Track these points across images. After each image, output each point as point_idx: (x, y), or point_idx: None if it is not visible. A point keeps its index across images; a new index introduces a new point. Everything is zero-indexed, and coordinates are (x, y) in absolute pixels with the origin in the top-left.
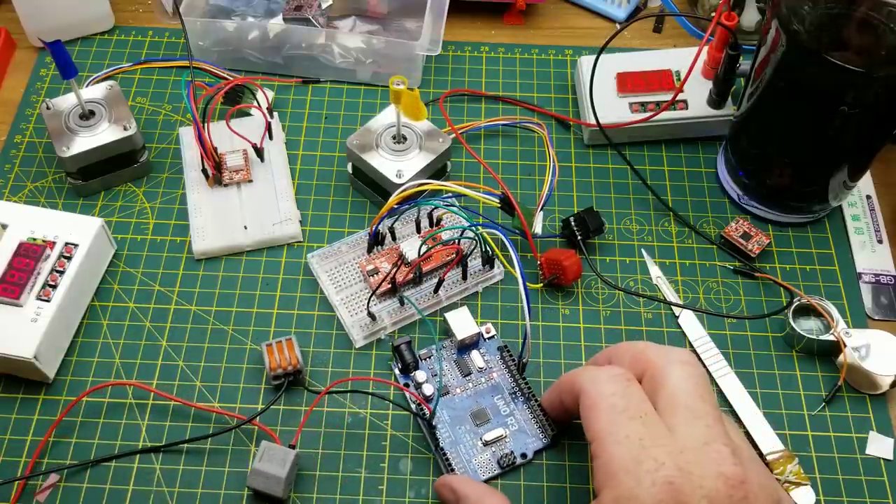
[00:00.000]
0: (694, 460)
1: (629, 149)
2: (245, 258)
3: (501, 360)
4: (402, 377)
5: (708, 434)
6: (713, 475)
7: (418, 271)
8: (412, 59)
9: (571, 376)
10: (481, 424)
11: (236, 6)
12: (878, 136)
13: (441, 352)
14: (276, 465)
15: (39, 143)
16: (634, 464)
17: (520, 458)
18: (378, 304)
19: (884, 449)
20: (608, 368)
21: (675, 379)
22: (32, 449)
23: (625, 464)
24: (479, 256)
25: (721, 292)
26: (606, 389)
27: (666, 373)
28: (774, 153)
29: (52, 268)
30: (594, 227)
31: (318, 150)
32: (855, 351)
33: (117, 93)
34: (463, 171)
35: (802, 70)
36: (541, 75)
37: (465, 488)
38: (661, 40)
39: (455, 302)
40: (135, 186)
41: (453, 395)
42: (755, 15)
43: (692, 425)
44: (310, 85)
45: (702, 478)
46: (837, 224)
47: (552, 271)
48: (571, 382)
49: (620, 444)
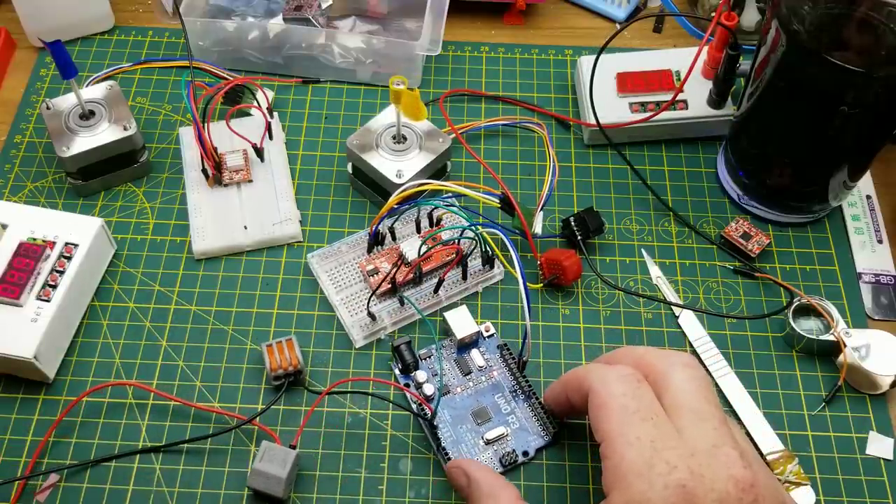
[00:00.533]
0: (705, 463)
1: (629, 149)
2: (245, 258)
3: (501, 359)
4: (403, 377)
5: (716, 437)
6: (724, 478)
7: (418, 271)
8: (412, 59)
9: (579, 374)
10: (482, 423)
11: (236, 6)
12: (878, 136)
13: (441, 351)
14: (277, 465)
15: (39, 143)
16: (647, 467)
17: (521, 457)
18: (378, 304)
19: (884, 449)
20: (618, 368)
21: (679, 381)
22: (32, 449)
23: (636, 467)
24: (479, 256)
25: (721, 292)
26: (617, 389)
27: (669, 376)
28: (774, 153)
29: (52, 268)
30: (594, 227)
31: (318, 150)
32: (855, 351)
33: (117, 93)
34: (463, 170)
35: (802, 70)
36: (541, 75)
37: (477, 473)
38: (661, 40)
39: (455, 302)
40: (135, 186)
41: (454, 394)
42: (755, 15)
43: (699, 428)
44: (310, 85)
45: (713, 481)
46: (837, 224)
47: (552, 271)
48: (580, 380)
49: (632, 445)
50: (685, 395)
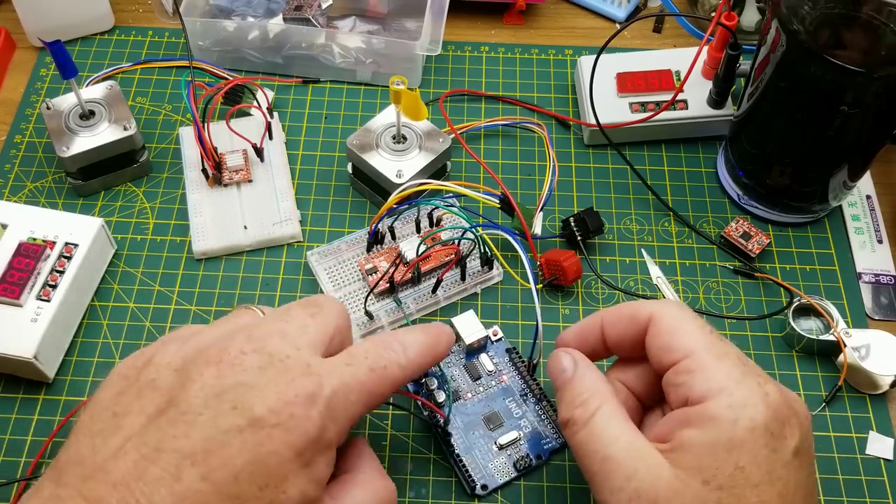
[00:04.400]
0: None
1: (629, 149)
2: (245, 258)
3: (510, 362)
4: (413, 385)
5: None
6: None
7: (417, 271)
8: (412, 59)
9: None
10: (495, 428)
11: (236, 6)
12: (878, 136)
13: (446, 357)
14: None
15: (39, 143)
16: (743, 375)
17: (535, 460)
18: (376, 304)
19: (884, 449)
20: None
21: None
22: (32, 449)
23: (735, 374)
24: (479, 258)
25: (721, 292)
26: (688, 313)
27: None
28: (774, 153)
29: (52, 268)
30: (594, 228)
31: (318, 150)
32: (855, 351)
33: (117, 93)
34: (463, 170)
35: (802, 70)
36: (541, 75)
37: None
38: (661, 40)
39: (454, 302)
40: (135, 186)
41: (465, 400)
42: (755, 15)
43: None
44: (310, 85)
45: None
46: (837, 224)
47: (552, 272)
48: (633, 310)
49: (723, 358)
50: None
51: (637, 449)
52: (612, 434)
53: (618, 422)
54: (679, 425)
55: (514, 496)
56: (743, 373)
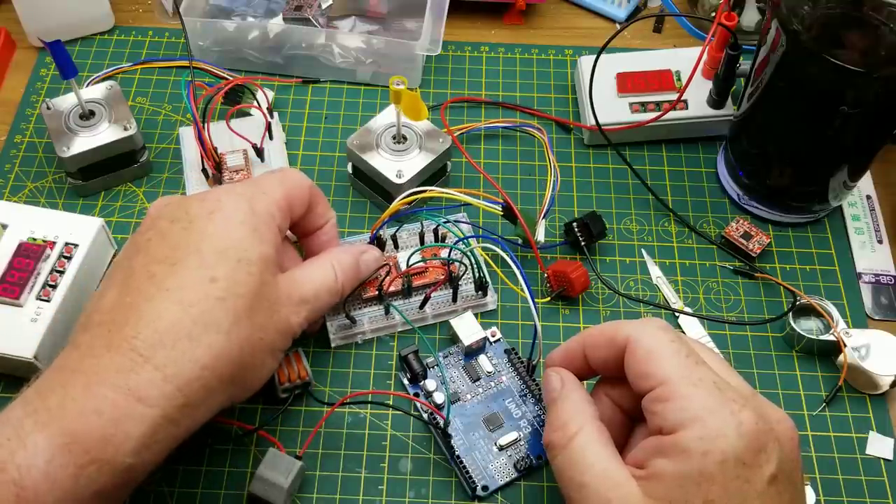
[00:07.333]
0: (760, 405)
1: (629, 149)
2: None
3: (509, 363)
4: (412, 387)
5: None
6: (779, 418)
7: (407, 284)
8: (412, 59)
9: (609, 327)
10: (495, 429)
11: (236, 6)
12: (878, 136)
13: (442, 362)
14: (280, 474)
15: (39, 143)
16: (717, 405)
17: (535, 461)
18: (363, 309)
19: (884, 449)
20: (653, 320)
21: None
22: None
23: (708, 404)
24: (472, 281)
25: (721, 292)
26: (664, 336)
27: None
28: (774, 153)
29: (52, 268)
30: (597, 232)
31: (318, 150)
32: (855, 351)
33: (117, 93)
34: (463, 170)
35: (802, 70)
36: (541, 75)
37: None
38: (661, 40)
39: (445, 321)
40: (135, 186)
41: (464, 401)
42: (755, 15)
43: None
44: (310, 85)
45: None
46: (837, 224)
47: (560, 284)
48: (612, 332)
49: (698, 385)
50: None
51: (610, 478)
52: (588, 460)
53: (596, 447)
54: (653, 453)
55: (514, 496)
56: (717, 401)
